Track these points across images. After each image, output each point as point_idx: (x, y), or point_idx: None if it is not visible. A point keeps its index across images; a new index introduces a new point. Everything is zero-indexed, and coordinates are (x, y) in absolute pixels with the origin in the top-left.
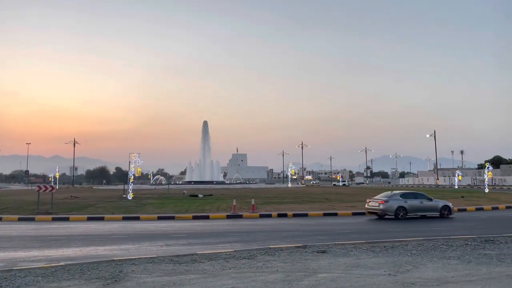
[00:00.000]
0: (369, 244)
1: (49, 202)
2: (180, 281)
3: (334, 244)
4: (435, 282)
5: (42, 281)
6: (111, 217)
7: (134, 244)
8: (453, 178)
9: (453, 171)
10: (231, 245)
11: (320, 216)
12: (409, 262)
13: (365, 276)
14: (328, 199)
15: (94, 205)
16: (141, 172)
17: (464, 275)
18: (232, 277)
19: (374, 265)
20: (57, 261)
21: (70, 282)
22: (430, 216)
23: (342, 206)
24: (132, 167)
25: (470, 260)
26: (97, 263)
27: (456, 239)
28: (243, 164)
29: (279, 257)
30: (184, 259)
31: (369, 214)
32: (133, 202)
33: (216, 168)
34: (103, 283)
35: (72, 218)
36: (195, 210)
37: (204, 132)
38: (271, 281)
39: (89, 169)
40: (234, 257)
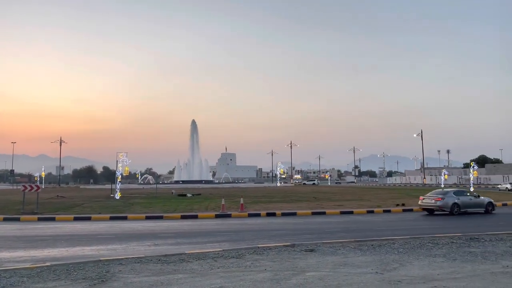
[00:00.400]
0: (356, 242)
1: (35, 202)
2: (168, 281)
3: (322, 242)
4: (421, 279)
5: (27, 281)
6: (98, 217)
7: (121, 244)
8: (439, 177)
9: (439, 170)
10: (219, 245)
11: (308, 215)
12: (396, 260)
13: (352, 274)
14: (317, 198)
15: (81, 205)
16: (129, 171)
17: (450, 273)
18: (220, 276)
19: (361, 263)
20: (42, 262)
21: (56, 282)
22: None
23: (330, 205)
24: (119, 167)
25: (456, 258)
26: (84, 263)
27: (442, 237)
28: (232, 164)
29: (268, 256)
30: (172, 258)
31: (422, 210)
32: (121, 201)
33: (205, 167)
34: (89, 283)
35: (58, 218)
36: (183, 209)
37: (192, 131)
38: (259, 280)
39: (76, 169)
40: (223, 257)
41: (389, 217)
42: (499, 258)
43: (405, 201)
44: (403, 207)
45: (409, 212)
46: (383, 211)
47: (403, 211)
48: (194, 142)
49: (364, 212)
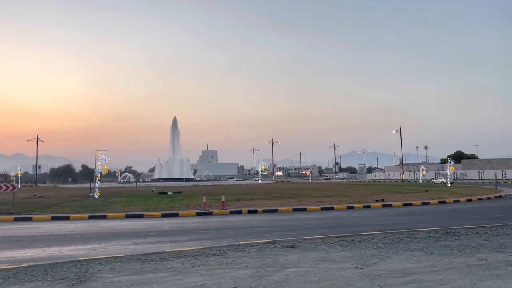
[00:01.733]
0: (337, 238)
1: (11, 202)
2: (148, 280)
3: (303, 239)
4: (399, 273)
5: (3, 283)
6: (77, 216)
7: (100, 244)
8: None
9: (417, 166)
10: (200, 242)
11: (289, 211)
12: (375, 255)
13: (333, 270)
14: (298, 194)
15: (59, 204)
16: (108, 170)
17: (427, 266)
18: (201, 274)
19: (341, 258)
20: (19, 263)
21: (33, 283)
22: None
23: (311, 202)
24: (98, 165)
25: (433, 251)
26: (62, 264)
27: (419, 232)
28: (213, 161)
29: (249, 253)
30: (153, 257)
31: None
32: (100, 200)
33: (185, 165)
34: (67, 283)
35: (35, 218)
36: (164, 207)
37: (173, 129)
38: (240, 277)
39: (53, 167)
40: (204, 254)
41: (369, 212)
42: (474, 251)
43: (385, 196)
44: (382, 203)
45: (389, 208)
46: (363, 206)
47: (383, 207)
48: (175, 140)
49: (344, 208)
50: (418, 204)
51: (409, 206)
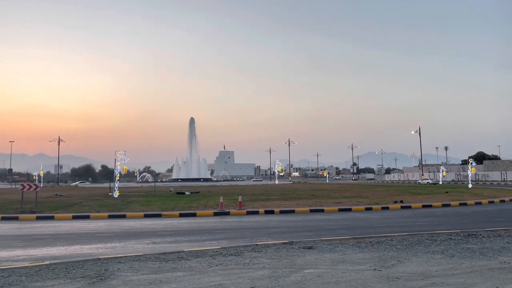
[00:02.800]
0: (355, 239)
1: (33, 201)
2: (166, 279)
3: (321, 240)
4: (419, 276)
5: (26, 280)
6: (97, 215)
7: (120, 242)
8: (437, 174)
9: (437, 167)
10: (218, 242)
11: (306, 212)
12: (394, 257)
13: (350, 271)
14: (315, 195)
15: (80, 203)
16: (127, 169)
17: (448, 269)
18: (219, 274)
19: (359, 260)
20: (41, 260)
21: (54, 281)
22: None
23: (328, 203)
24: (118, 165)
25: (454, 254)
26: (83, 262)
27: (440, 234)
28: (230, 161)
29: (266, 254)
30: (171, 256)
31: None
32: (119, 200)
33: (203, 165)
34: (88, 281)
35: (57, 216)
36: (182, 207)
37: (191, 129)
38: (258, 277)
39: (74, 167)
40: (221, 254)
41: (387, 214)
42: (497, 254)
43: (403, 198)
44: (401, 204)
45: (408, 209)
46: (381, 208)
47: (402, 208)
48: (192, 140)
49: (362, 209)
50: (438, 205)
51: (429, 208)
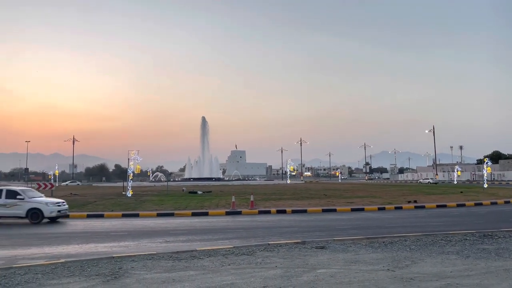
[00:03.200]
0: (368, 239)
1: None
2: (179, 278)
3: (333, 240)
4: (433, 277)
5: (42, 278)
6: (111, 214)
7: (133, 241)
8: (452, 174)
9: (452, 167)
10: (230, 242)
11: (319, 212)
12: (408, 257)
13: (364, 272)
14: (327, 195)
15: (94, 202)
16: (140, 169)
17: (463, 270)
18: (231, 273)
19: (373, 260)
20: (57, 258)
21: (70, 279)
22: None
23: (340, 202)
24: (131, 164)
25: (469, 255)
26: (97, 260)
27: (454, 234)
28: (242, 161)
29: (278, 253)
30: (184, 255)
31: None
32: (133, 199)
33: (215, 164)
34: (102, 279)
35: (72, 215)
36: (194, 206)
37: (202, 129)
38: (270, 277)
39: (88, 167)
40: (233, 253)
41: (400, 214)
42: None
43: (417, 198)
44: (415, 204)
45: (422, 209)
46: (395, 208)
47: (415, 208)
48: (204, 140)
49: (375, 209)
50: (453, 205)
51: (443, 208)
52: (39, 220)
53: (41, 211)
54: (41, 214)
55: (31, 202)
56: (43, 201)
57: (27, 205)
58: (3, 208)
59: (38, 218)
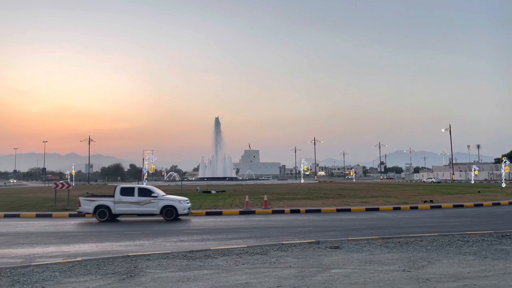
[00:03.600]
0: (383, 239)
1: (66, 199)
2: (194, 277)
3: (347, 239)
4: (450, 278)
5: (59, 276)
6: None
7: (148, 240)
8: (469, 173)
9: (469, 166)
10: (244, 241)
11: (333, 212)
12: (424, 258)
13: (379, 272)
14: (341, 195)
15: None
16: (154, 168)
17: (480, 271)
18: (245, 272)
19: (388, 260)
20: (74, 257)
21: (87, 277)
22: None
23: (355, 202)
24: (146, 164)
25: (487, 255)
26: (113, 259)
27: (472, 235)
28: (255, 160)
29: (292, 253)
30: (198, 254)
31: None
32: None
33: (228, 164)
34: (118, 278)
35: (88, 214)
36: (208, 206)
37: (216, 129)
38: (284, 276)
39: (104, 166)
40: (247, 253)
41: (416, 214)
42: None
43: (433, 197)
44: (431, 204)
45: (438, 209)
46: (410, 207)
47: (431, 208)
48: (218, 140)
49: (390, 208)
50: (470, 205)
51: (460, 208)
52: (173, 217)
53: (175, 208)
54: (175, 212)
55: (164, 199)
56: (176, 199)
57: (161, 203)
58: (137, 206)
59: (172, 215)
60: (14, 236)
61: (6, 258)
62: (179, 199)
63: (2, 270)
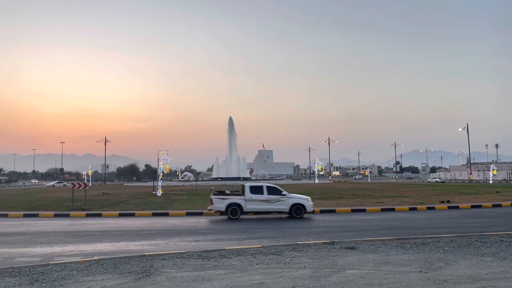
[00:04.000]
0: (398, 240)
1: (83, 199)
2: (209, 276)
3: (363, 240)
4: (468, 279)
5: (77, 275)
6: (141, 213)
7: (163, 240)
8: (487, 173)
9: (487, 165)
10: (258, 241)
11: (348, 212)
12: (441, 259)
13: (395, 273)
14: (356, 195)
15: (125, 201)
16: (169, 169)
17: (499, 272)
18: (259, 272)
19: (404, 261)
20: (91, 256)
21: (103, 276)
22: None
23: (370, 202)
24: (161, 164)
25: (505, 256)
26: (129, 258)
27: (490, 236)
28: (269, 160)
29: (307, 253)
30: (213, 254)
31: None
32: (162, 198)
33: (242, 164)
34: (134, 277)
35: (105, 214)
36: None
37: (230, 129)
38: (298, 277)
39: (119, 167)
40: (262, 253)
41: (433, 214)
42: None
43: (450, 197)
44: (448, 204)
45: (455, 209)
46: (427, 208)
47: (449, 208)
48: (232, 140)
49: (406, 209)
50: (488, 206)
51: (478, 208)
52: (301, 215)
53: (304, 206)
54: (304, 209)
55: (293, 198)
56: (303, 197)
57: (290, 201)
58: (266, 204)
59: (301, 213)
60: (33, 235)
61: (26, 257)
62: (306, 198)
63: (22, 268)
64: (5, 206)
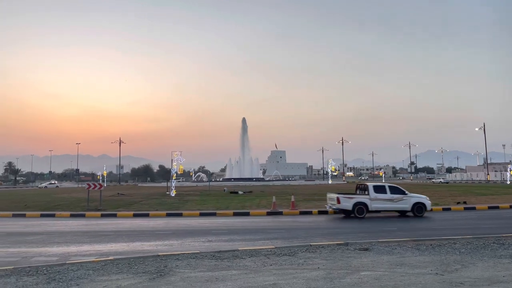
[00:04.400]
0: (414, 242)
1: (98, 199)
2: (222, 277)
3: (377, 241)
4: (485, 281)
5: (93, 274)
6: (156, 213)
7: (177, 240)
8: (505, 173)
9: (504, 166)
10: (271, 242)
11: None
12: (457, 261)
13: (410, 275)
14: None
15: (139, 202)
16: (183, 169)
17: None
18: (273, 273)
19: (419, 263)
20: (106, 256)
21: (119, 275)
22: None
23: None
24: (174, 165)
25: None
26: (143, 258)
27: (508, 237)
28: (282, 161)
29: (321, 254)
30: (226, 255)
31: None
32: (176, 199)
33: (255, 165)
34: (149, 277)
35: (119, 214)
36: (235, 207)
37: (243, 129)
38: (312, 278)
39: (134, 167)
40: (275, 254)
41: (448, 215)
42: None
43: (467, 198)
44: (464, 205)
45: (472, 211)
46: (442, 209)
47: (465, 209)
48: (245, 140)
49: None
50: (506, 207)
51: (495, 209)
52: (422, 214)
53: (424, 205)
54: (424, 208)
55: (415, 197)
56: (423, 197)
57: (412, 200)
58: (390, 203)
59: (422, 212)
60: (50, 235)
61: (43, 256)
62: (425, 197)
63: (39, 268)
64: (24, 206)
